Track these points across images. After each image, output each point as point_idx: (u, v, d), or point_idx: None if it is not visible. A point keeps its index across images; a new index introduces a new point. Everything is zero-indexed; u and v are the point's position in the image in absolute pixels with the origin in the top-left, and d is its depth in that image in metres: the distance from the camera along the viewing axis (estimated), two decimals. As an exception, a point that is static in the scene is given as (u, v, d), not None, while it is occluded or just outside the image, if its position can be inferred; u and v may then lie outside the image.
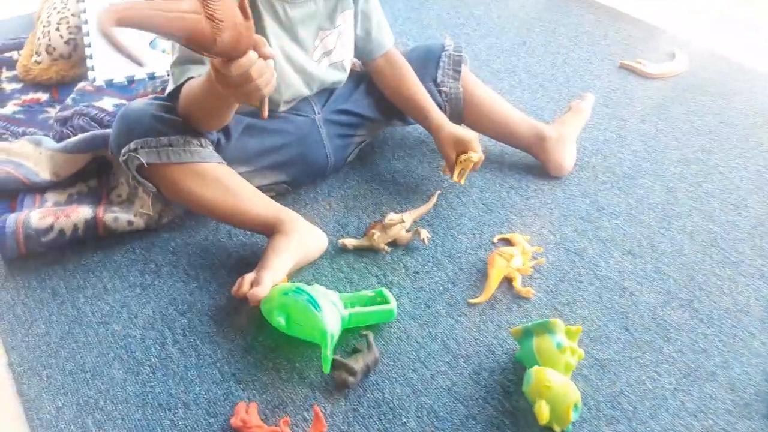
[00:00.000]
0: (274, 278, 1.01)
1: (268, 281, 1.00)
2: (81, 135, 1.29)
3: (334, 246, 1.18)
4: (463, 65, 1.37)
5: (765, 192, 1.37)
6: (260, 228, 1.13)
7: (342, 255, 1.17)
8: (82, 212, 1.15)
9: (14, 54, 1.74)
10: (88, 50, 1.60)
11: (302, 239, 1.10)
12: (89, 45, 1.61)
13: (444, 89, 1.35)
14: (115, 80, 1.55)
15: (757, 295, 1.12)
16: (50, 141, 1.31)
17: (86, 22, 1.62)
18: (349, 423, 0.89)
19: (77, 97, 1.47)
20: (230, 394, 0.92)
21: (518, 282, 1.10)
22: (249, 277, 1.02)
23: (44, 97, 1.59)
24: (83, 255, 1.15)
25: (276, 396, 0.92)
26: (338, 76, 1.28)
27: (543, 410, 0.85)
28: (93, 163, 1.29)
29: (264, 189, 1.19)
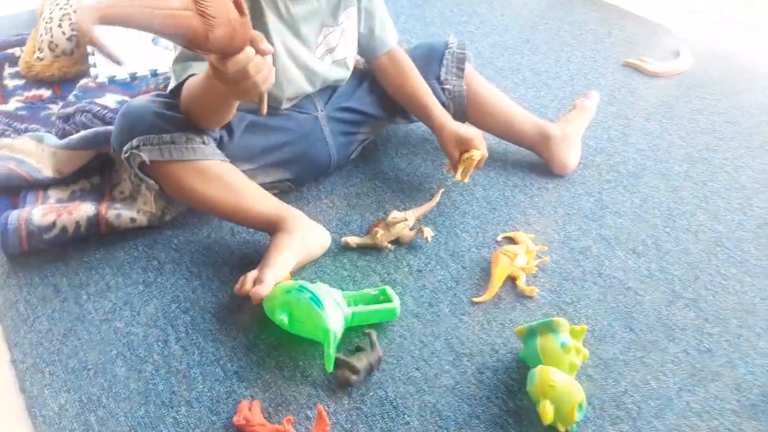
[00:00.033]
0: (277, 276, 1.01)
1: (271, 279, 1.00)
2: (83, 132, 1.29)
3: (337, 244, 1.18)
4: (467, 63, 1.36)
5: (770, 191, 1.36)
6: (263, 226, 1.13)
7: (345, 253, 1.16)
8: (85, 209, 1.15)
9: (17, 50, 1.73)
10: (90, 47, 1.60)
11: (305, 237, 1.10)
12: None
13: (447, 87, 1.34)
14: (118, 77, 1.55)
15: (763, 295, 1.11)
16: (53, 138, 1.31)
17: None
18: (352, 422, 0.89)
19: (80, 94, 1.47)
20: (233, 392, 0.92)
21: (522, 281, 1.10)
22: (252, 275, 1.02)
23: (47, 94, 1.58)
24: (86, 252, 1.15)
25: (279, 394, 0.92)
26: (341, 74, 1.28)
27: (547, 410, 0.84)
28: (96, 160, 1.29)
29: (267, 187, 1.19)
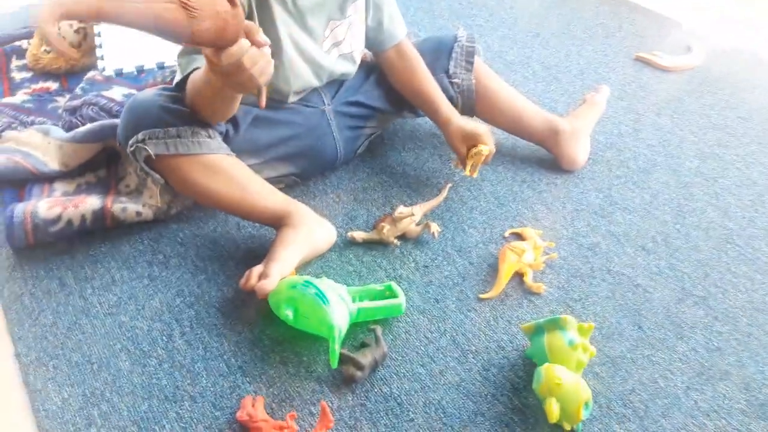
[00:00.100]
0: (282, 271, 1.01)
1: (276, 274, 0.99)
2: (90, 125, 1.29)
3: (343, 239, 1.17)
4: (476, 56, 1.35)
5: (782, 188, 1.34)
6: (268, 220, 1.12)
7: (351, 248, 1.16)
8: (91, 202, 1.15)
9: (24, 43, 1.73)
10: (98, 39, 1.60)
11: (311, 232, 1.10)
12: (99, 34, 1.60)
13: (456, 81, 1.33)
14: (125, 70, 1.55)
15: (774, 293, 1.10)
16: (59, 131, 1.31)
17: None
18: (356, 418, 0.88)
19: (87, 87, 1.47)
20: (237, 387, 0.92)
21: (529, 277, 1.09)
22: (257, 270, 1.02)
23: (54, 87, 1.58)
24: (91, 245, 1.15)
25: (283, 390, 0.91)
26: (348, 68, 1.27)
27: (553, 408, 0.84)
28: (102, 153, 1.29)
29: (273, 181, 1.18)
